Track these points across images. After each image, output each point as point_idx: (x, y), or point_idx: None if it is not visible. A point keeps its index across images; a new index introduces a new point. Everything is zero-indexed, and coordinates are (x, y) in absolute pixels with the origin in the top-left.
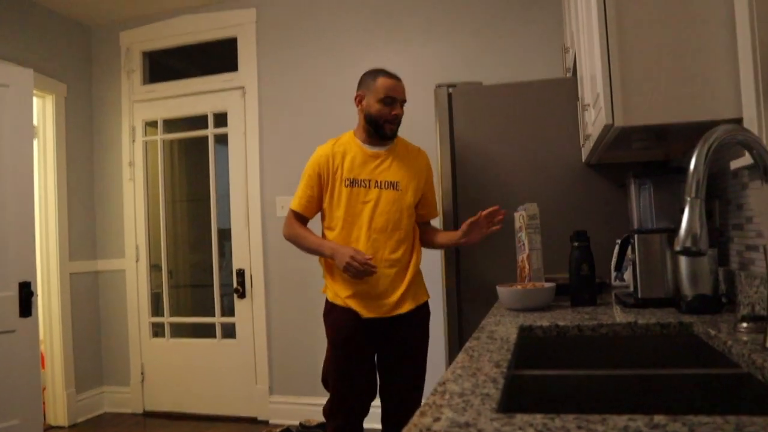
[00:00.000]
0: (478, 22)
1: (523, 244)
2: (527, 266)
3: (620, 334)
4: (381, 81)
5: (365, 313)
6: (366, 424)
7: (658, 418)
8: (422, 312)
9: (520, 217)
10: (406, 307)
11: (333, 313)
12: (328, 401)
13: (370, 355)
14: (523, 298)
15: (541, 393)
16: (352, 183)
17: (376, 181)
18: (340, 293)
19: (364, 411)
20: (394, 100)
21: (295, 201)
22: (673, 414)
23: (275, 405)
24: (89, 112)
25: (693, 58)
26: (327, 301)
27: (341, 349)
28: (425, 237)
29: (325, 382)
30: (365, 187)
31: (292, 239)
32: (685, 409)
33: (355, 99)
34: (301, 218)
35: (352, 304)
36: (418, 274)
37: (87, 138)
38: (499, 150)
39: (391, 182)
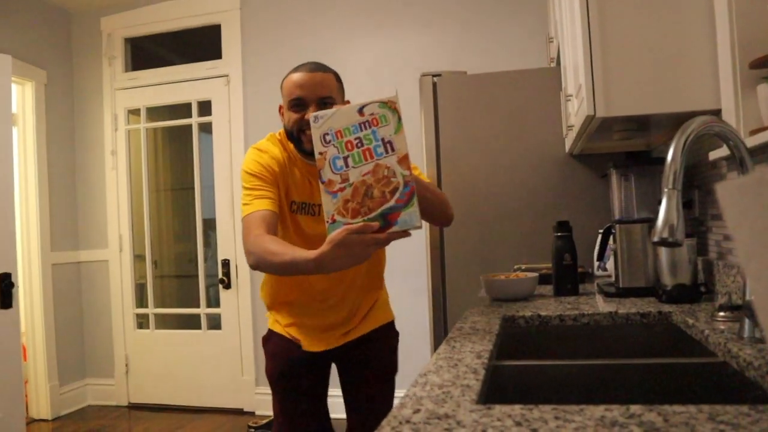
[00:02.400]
0: (463, 11)
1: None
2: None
3: (601, 323)
4: (286, 81)
5: (308, 345)
6: None
7: (634, 408)
8: (385, 334)
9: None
10: (363, 330)
11: (271, 342)
12: None
13: (316, 396)
14: (507, 288)
15: (522, 383)
16: (300, 208)
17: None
18: (281, 320)
19: None
20: (302, 101)
21: (252, 202)
22: (649, 403)
23: (261, 396)
24: (70, 99)
25: (673, 49)
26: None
27: (279, 387)
28: None
29: None
30: (312, 214)
31: (263, 259)
32: (662, 398)
33: (279, 111)
34: (269, 223)
35: (294, 333)
36: (385, 292)
37: (68, 126)
38: (483, 139)
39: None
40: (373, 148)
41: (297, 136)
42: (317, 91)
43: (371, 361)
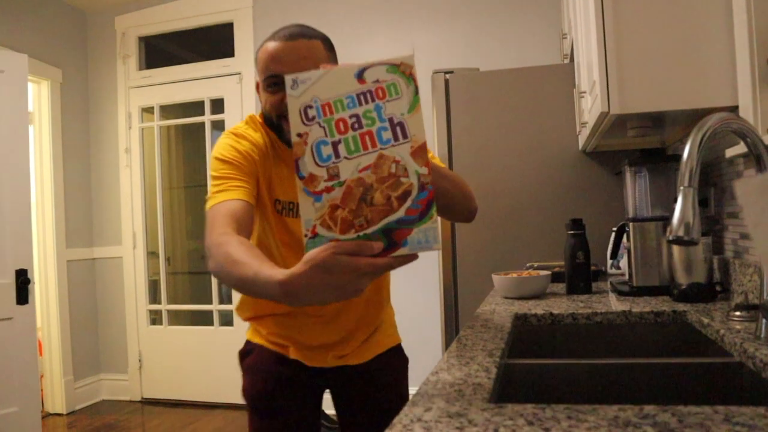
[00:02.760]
0: (475, 7)
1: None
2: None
3: (614, 322)
4: (261, 52)
5: (295, 355)
6: None
7: (648, 409)
8: (388, 363)
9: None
10: (362, 356)
11: (250, 356)
12: None
13: (305, 427)
14: (519, 287)
15: (534, 382)
16: (286, 209)
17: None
18: (264, 330)
19: None
20: (280, 78)
21: (220, 193)
22: (664, 404)
23: None
24: (85, 97)
25: (689, 45)
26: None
27: (259, 410)
28: None
29: None
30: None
31: (223, 268)
32: (676, 398)
33: (256, 89)
34: (240, 218)
35: (280, 341)
36: (391, 308)
37: (83, 124)
38: (495, 136)
39: None
40: (375, 132)
41: (277, 122)
42: (300, 65)
43: (370, 400)
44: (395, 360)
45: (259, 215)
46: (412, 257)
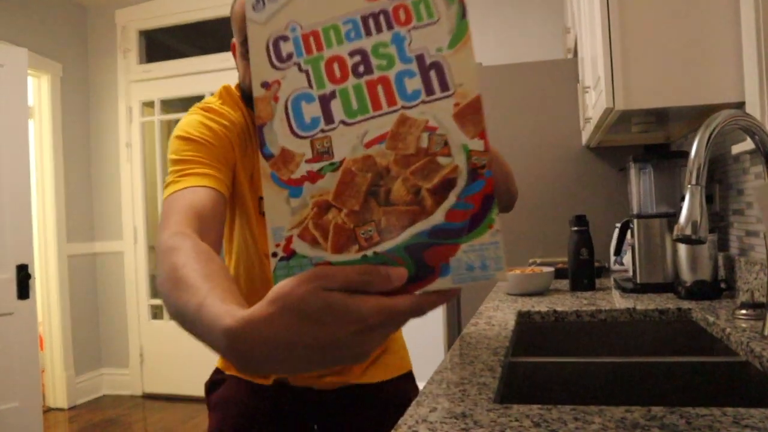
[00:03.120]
0: (479, 1)
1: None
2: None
3: (618, 319)
4: (236, 5)
5: (291, 378)
6: None
7: (656, 410)
8: (396, 393)
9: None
10: (366, 377)
11: (220, 387)
12: None
13: None
14: (522, 283)
15: (539, 380)
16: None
17: None
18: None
19: None
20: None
21: (181, 179)
22: (670, 404)
23: None
24: (86, 92)
25: (695, 40)
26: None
27: None
28: None
29: None
30: None
31: (162, 287)
32: (683, 398)
33: (232, 52)
34: (201, 213)
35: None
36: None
37: (83, 118)
38: (499, 132)
39: None
40: (394, 79)
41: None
42: None
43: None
44: (410, 389)
45: (238, 218)
46: (453, 293)
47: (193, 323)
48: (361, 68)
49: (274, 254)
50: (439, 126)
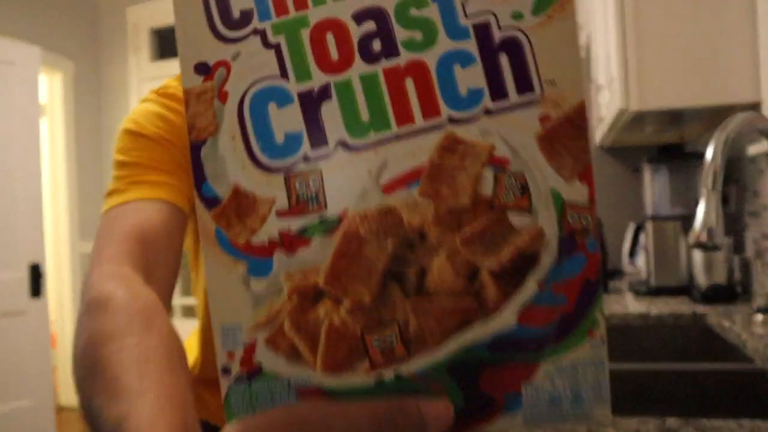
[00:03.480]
0: None
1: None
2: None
3: (632, 324)
4: None
5: None
6: None
7: (670, 422)
8: None
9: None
10: None
11: None
12: None
13: None
14: None
15: None
16: None
17: None
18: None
19: None
20: None
21: (127, 188)
22: (685, 413)
23: None
24: (98, 89)
25: (711, 39)
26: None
27: None
28: None
29: None
30: None
31: (77, 355)
32: (697, 406)
33: None
34: (148, 239)
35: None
36: None
37: (95, 116)
38: None
39: None
40: (435, 69)
41: None
42: None
43: None
44: None
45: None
46: None
47: None
48: (377, 45)
49: (225, 370)
50: (514, 157)
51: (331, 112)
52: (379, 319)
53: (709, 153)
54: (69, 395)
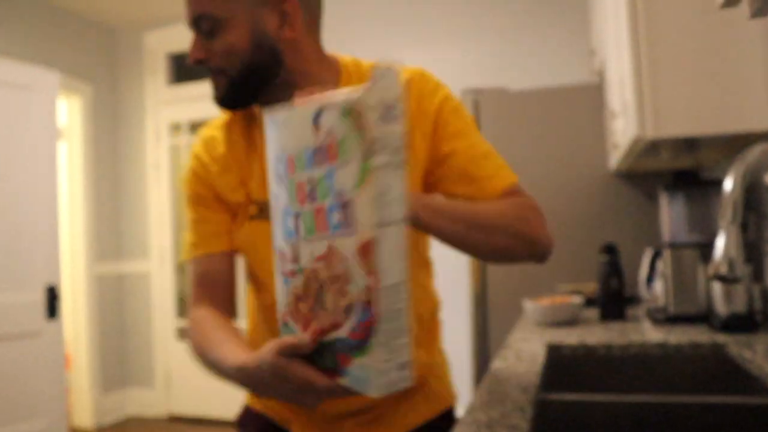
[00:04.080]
0: (502, 24)
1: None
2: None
3: (651, 353)
4: None
5: (299, 429)
6: None
7: None
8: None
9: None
10: (407, 421)
11: (247, 426)
12: None
13: None
14: (551, 314)
15: (570, 418)
16: (264, 212)
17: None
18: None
19: None
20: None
21: (189, 243)
22: None
23: None
24: (115, 113)
25: (727, 65)
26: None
27: None
28: None
29: None
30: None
31: (194, 350)
32: None
33: None
34: (207, 283)
35: (281, 411)
36: (442, 354)
37: (113, 139)
38: (525, 157)
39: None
40: (327, 211)
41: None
42: (200, 7)
43: None
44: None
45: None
46: (353, 393)
47: (216, 365)
48: (312, 196)
49: (280, 319)
50: (348, 259)
51: (300, 224)
52: (315, 315)
53: (728, 185)
54: (82, 416)
